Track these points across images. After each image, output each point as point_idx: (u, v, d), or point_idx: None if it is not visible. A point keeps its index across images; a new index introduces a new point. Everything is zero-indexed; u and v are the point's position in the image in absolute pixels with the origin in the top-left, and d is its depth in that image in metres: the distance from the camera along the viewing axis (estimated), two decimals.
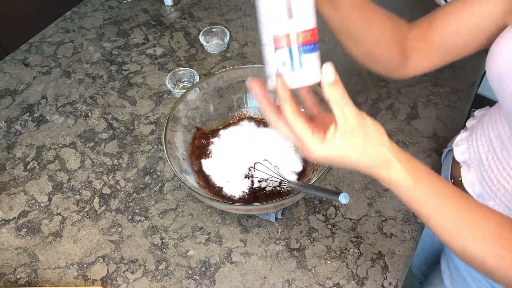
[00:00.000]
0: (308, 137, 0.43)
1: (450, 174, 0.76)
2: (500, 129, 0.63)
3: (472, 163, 0.69)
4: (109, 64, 1.03)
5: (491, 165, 0.64)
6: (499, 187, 0.63)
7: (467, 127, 0.75)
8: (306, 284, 0.70)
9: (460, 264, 0.75)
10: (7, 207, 0.80)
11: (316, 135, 0.43)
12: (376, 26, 0.59)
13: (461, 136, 0.74)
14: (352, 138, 0.43)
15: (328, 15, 0.57)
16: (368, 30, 0.59)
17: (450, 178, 0.76)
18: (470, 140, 0.71)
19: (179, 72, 0.97)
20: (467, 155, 0.70)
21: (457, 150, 0.72)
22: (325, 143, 0.43)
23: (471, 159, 0.69)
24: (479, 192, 0.67)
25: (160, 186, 0.82)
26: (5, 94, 0.97)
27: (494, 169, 0.64)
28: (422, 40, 0.62)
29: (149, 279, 0.71)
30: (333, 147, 0.43)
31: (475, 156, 0.68)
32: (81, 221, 0.78)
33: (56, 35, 1.10)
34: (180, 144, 0.77)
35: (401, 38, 0.62)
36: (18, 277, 0.71)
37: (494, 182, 0.63)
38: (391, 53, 0.62)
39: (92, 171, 0.84)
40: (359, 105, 0.94)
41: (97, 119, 0.93)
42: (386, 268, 0.72)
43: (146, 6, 1.17)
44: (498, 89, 0.56)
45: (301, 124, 0.43)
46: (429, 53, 0.63)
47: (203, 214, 0.78)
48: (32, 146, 0.88)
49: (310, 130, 0.43)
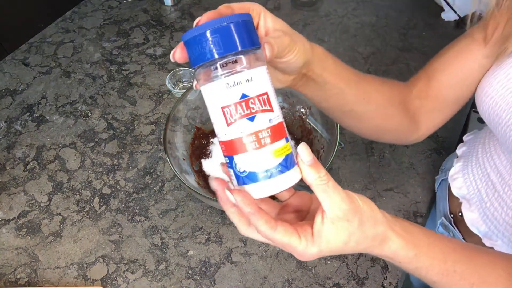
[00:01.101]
0: (296, 243, 0.36)
1: (448, 208, 0.75)
2: (498, 163, 0.62)
3: (472, 199, 0.67)
4: (109, 64, 1.03)
5: (493, 203, 0.63)
6: (506, 226, 0.61)
7: (458, 155, 0.74)
8: (306, 284, 0.70)
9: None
10: (7, 207, 0.80)
11: (302, 235, 0.36)
12: (374, 97, 0.55)
13: (455, 168, 0.72)
14: (346, 224, 0.36)
15: (315, 99, 0.52)
16: (366, 103, 0.54)
17: (449, 213, 0.74)
18: (466, 174, 0.69)
19: (179, 72, 0.97)
20: (465, 190, 0.69)
21: (454, 184, 0.70)
22: (315, 240, 0.36)
23: (470, 195, 0.68)
24: (485, 232, 0.65)
25: (160, 186, 0.82)
26: (5, 94, 0.97)
27: (498, 207, 0.62)
28: (426, 98, 0.60)
29: (149, 279, 0.71)
30: (326, 239, 0.36)
31: (474, 192, 0.67)
32: (81, 221, 0.78)
33: (56, 35, 1.10)
34: (180, 144, 0.77)
35: (403, 101, 0.59)
36: (18, 277, 0.71)
37: (499, 221, 0.62)
38: (398, 119, 0.58)
39: (92, 171, 0.84)
40: None
41: (97, 119, 0.93)
42: (386, 268, 0.72)
43: (146, 6, 1.17)
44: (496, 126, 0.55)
45: (283, 235, 0.36)
46: (437, 107, 0.60)
47: (203, 214, 0.78)
48: (32, 146, 0.88)
49: (295, 233, 0.36)
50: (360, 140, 0.89)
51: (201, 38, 0.33)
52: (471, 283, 0.43)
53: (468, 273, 0.43)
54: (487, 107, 0.55)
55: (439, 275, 0.43)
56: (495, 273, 0.44)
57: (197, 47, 0.34)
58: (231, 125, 0.34)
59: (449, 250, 0.43)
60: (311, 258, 0.37)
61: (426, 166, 0.85)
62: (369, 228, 0.38)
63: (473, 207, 0.67)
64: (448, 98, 0.60)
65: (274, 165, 0.35)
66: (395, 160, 0.86)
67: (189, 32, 0.34)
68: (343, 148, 0.87)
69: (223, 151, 0.36)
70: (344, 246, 0.37)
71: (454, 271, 0.43)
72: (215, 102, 0.35)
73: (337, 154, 0.85)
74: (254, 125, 0.34)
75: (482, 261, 0.45)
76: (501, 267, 0.44)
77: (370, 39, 1.09)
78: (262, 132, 0.34)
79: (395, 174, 0.84)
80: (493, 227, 0.64)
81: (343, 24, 1.11)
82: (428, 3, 1.18)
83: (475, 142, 0.70)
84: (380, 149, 0.87)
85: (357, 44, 1.06)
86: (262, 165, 0.35)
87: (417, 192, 0.82)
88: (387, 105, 0.57)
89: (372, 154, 0.87)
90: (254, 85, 0.34)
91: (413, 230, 0.42)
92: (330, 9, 1.17)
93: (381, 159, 0.86)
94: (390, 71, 1.00)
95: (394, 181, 0.83)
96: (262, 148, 0.34)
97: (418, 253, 0.41)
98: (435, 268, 0.42)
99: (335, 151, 0.68)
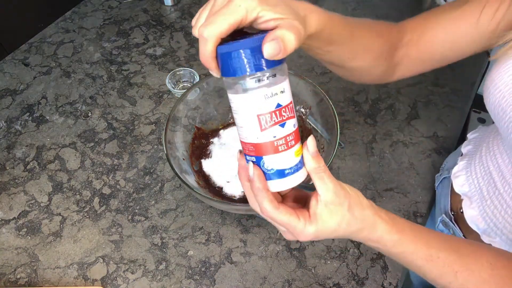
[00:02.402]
0: (296, 222, 0.41)
1: (450, 205, 0.75)
2: (500, 162, 0.62)
3: (473, 196, 0.67)
4: (109, 64, 1.03)
5: (493, 201, 0.63)
6: (504, 224, 0.61)
7: (463, 153, 0.74)
8: (306, 284, 0.70)
9: None
10: (7, 207, 0.80)
11: (301, 216, 0.42)
12: (361, 56, 0.56)
13: (459, 166, 0.72)
14: (338, 207, 0.42)
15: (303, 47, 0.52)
16: (351, 60, 0.56)
17: (450, 210, 0.74)
18: (469, 172, 0.69)
19: (179, 72, 0.97)
20: (467, 187, 0.69)
21: (456, 182, 0.71)
22: (312, 220, 0.42)
23: (471, 192, 0.68)
24: (484, 229, 0.65)
25: (160, 186, 0.82)
26: (5, 94, 0.97)
27: (497, 205, 0.62)
28: (414, 47, 0.60)
29: (149, 279, 0.71)
30: (321, 220, 0.42)
31: (475, 189, 0.67)
32: (81, 221, 0.78)
33: (56, 35, 1.10)
34: (180, 144, 0.77)
35: (390, 51, 0.60)
36: (18, 277, 0.71)
37: (499, 218, 0.62)
38: (380, 69, 0.60)
39: (92, 171, 0.84)
40: (359, 105, 0.94)
41: (97, 119, 0.93)
42: (386, 268, 0.72)
43: (146, 6, 1.17)
44: (499, 120, 0.55)
45: (283, 214, 0.41)
46: (421, 58, 0.61)
47: (203, 214, 0.78)
48: (32, 146, 0.88)
49: (294, 214, 0.42)
50: (360, 140, 0.89)
51: (242, 54, 0.36)
52: (454, 270, 0.45)
53: (451, 260, 0.45)
54: (493, 99, 0.55)
55: (423, 260, 0.45)
56: (479, 263, 0.45)
57: (237, 60, 0.37)
58: (264, 131, 0.39)
59: (433, 239, 0.46)
60: (308, 237, 0.42)
61: (426, 166, 0.85)
62: (358, 211, 0.43)
63: (473, 204, 0.67)
64: (436, 54, 0.60)
65: (295, 163, 0.41)
66: (395, 160, 0.86)
67: (228, 46, 0.37)
68: (343, 148, 0.87)
69: (250, 151, 0.41)
70: (337, 227, 0.42)
71: (438, 257, 0.45)
72: (251, 110, 0.39)
73: (337, 154, 0.85)
74: (284, 130, 0.40)
75: (466, 251, 0.46)
76: (485, 258, 0.46)
77: None
78: (289, 136, 0.40)
79: (395, 174, 0.84)
80: (492, 224, 0.64)
81: None
82: (428, 3, 1.18)
83: (480, 141, 0.70)
84: (380, 149, 0.87)
85: None
86: (287, 164, 0.41)
87: (417, 192, 0.82)
88: (373, 62, 0.59)
89: (372, 154, 0.87)
90: (285, 96, 0.39)
91: (398, 219, 0.46)
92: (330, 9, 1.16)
93: (381, 159, 0.86)
94: None
95: (394, 181, 0.83)
96: (289, 150, 0.40)
97: (402, 238, 0.45)
98: (419, 253, 0.45)
99: (335, 151, 0.68)
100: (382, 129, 0.90)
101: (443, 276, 0.46)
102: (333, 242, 0.75)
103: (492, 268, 0.45)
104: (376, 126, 0.91)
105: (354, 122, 0.91)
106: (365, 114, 0.93)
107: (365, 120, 0.92)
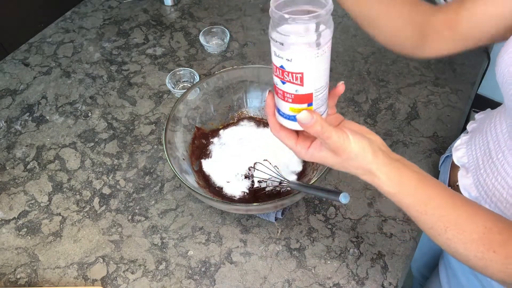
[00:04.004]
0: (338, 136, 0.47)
1: (448, 179, 0.76)
2: (498, 131, 0.62)
3: (470, 167, 0.68)
4: (109, 64, 1.03)
5: (486, 169, 0.64)
6: (494, 192, 0.62)
7: (468, 131, 0.75)
8: (306, 284, 0.70)
9: (459, 271, 0.75)
10: (7, 207, 0.80)
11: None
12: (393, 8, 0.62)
13: (461, 140, 0.73)
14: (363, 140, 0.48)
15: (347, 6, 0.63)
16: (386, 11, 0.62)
17: (448, 184, 0.75)
18: (470, 144, 0.70)
19: (179, 72, 0.97)
20: (466, 159, 0.70)
21: (456, 154, 0.72)
22: (350, 137, 0.48)
23: (469, 163, 0.69)
24: (475, 197, 0.66)
25: (160, 186, 0.82)
26: (5, 94, 0.97)
27: (489, 173, 0.63)
28: (447, 25, 0.61)
29: (149, 279, 0.71)
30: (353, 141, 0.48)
31: (473, 160, 0.68)
32: (81, 221, 0.78)
33: (56, 35, 1.10)
34: (180, 144, 0.77)
35: (422, 20, 0.62)
36: (18, 277, 0.71)
37: (489, 186, 0.63)
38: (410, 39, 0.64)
39: (92, 171, 0.84)
40: (359, 105, 0.94)
41: (97, 119, 0.93)
42: (386, 268, 0.72)
43: (146, 6, 1.17)
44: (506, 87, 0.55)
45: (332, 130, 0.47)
46: (451, 38, 0.62)
47: (203, 214, 0.78)
48: (32, 146, 0.88)
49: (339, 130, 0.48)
50: None
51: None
52: (445, 226, 0.47)
53: (446, 219, 0.47)
54: (504, 65, 0.54)
55: (418, 213, 0.48)
56: (473, 224, 0.47)
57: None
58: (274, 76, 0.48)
59: (434, 195, 0.48)
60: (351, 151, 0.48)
61: (426, 166, 0.85)
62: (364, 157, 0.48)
63: (469, 174, 0.68)
64: (471, 33, 0.60)
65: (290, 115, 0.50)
66: None
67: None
68: None
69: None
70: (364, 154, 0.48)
71: (433, 214, 0.47)
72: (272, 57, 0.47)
73: None
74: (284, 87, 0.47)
75: (464, 211, 0.48)
76: (482, 221, 0.47)
77: (370, 39, 1.08)
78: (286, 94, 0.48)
79: None
80: (483, 192, 0.64)
81: (343, 24, 1.11)
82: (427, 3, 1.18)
83: (485, 118, 0.71)
84: None
85: (357, 44, 1.06)
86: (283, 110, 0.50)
87: None
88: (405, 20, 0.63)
89: None
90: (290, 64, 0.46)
91: (405, 172, 0.48)
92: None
93: None
94: (390, 71, 1.00)
95: None
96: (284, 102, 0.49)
97: (401, 191, 0.48)
98: (415, 206, 0.48)
99: None
100: (382, 129, 0.90)
101: (433, 228, 0.48)
102: (333, 242, 0.75)
103: (486, 232, 0.46)
104: (376, 126, 0.91)
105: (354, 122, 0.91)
106: (365, 114, 0.93)
107: (365, 120, 0.91)
